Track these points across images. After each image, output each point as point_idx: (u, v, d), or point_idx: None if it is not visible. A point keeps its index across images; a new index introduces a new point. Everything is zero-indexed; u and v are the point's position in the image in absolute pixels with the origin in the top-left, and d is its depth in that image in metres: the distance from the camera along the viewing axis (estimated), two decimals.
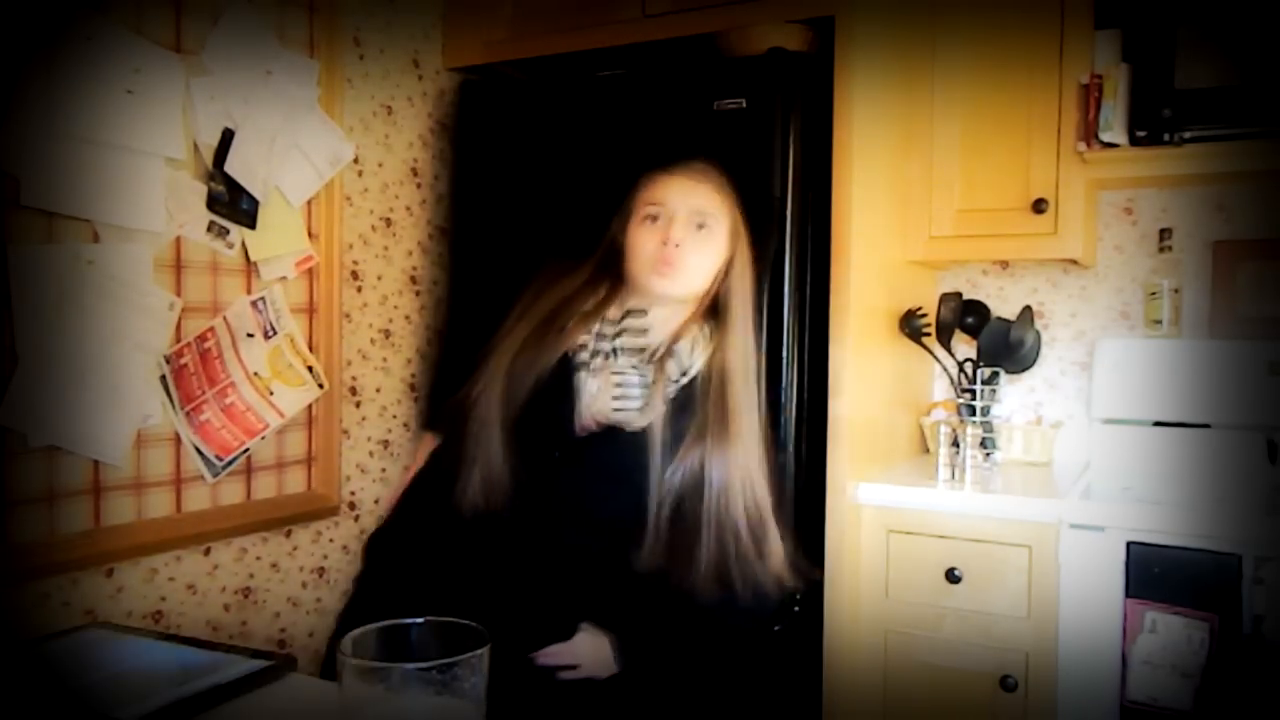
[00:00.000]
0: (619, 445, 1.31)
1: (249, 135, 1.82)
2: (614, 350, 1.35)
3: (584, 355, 1.35)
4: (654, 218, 1.34)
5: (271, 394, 1.90)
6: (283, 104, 1.89)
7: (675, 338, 1.36)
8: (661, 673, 1.36)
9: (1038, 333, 2.13)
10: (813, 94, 1.87)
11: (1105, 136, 1.91)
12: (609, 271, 1.40)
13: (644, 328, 1.36)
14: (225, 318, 1.81)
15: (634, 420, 1.33)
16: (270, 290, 1.91)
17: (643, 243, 1.33)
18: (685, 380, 1.35)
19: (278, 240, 1.91)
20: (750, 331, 1.39)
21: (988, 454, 2.06)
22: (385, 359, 2.23)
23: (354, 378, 2.15)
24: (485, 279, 2.18)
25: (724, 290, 1.37)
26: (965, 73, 2.06)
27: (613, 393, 1.34)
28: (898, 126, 2.09)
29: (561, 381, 1.34)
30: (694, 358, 1.35)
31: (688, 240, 1.32)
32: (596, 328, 1.36)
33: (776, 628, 1.78)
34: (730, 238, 1.37)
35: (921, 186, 2.11)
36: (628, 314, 1.37)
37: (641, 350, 1.37)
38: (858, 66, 1.86)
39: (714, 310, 1.38)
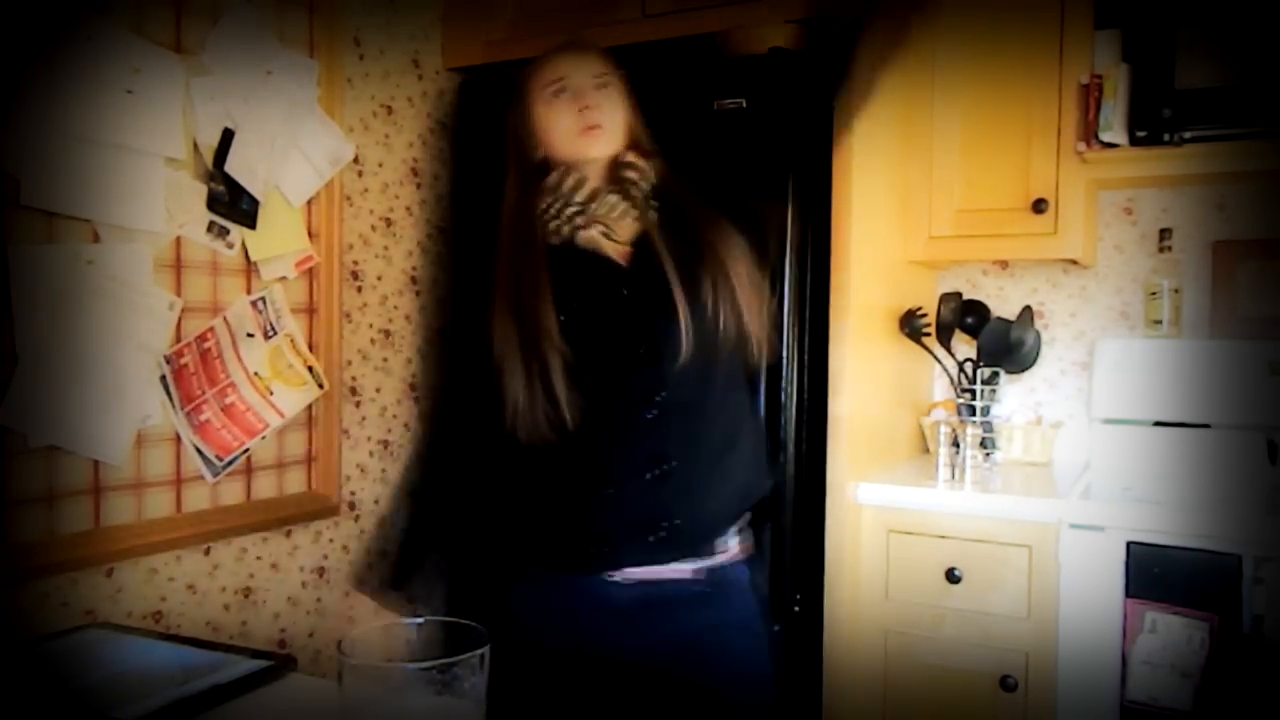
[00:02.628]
0: (652, 262, 1.33)
1: (249, 135, 1.82)
2: (582, 206, 1.37)
3: (565, 228, 1.36)
4: (560, 90, 1.37)
5: (271, 394, 1.90)
6: (283, 104, 1.89)
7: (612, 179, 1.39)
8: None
9: (1038, 333, 2.13)
10: (813, 94, 1.87)
11: (1105, 136, 1.91)
12: (527, 165, 1.41)
13: (585, 184, 1.38)
14: (225, 318, 1.81)
15: (625, 233, 1.37)
16: (270, 290, 1.91)
17: (558, 117, 1.37)
18: (656, 206, 1.39)
19: (278, 240, 1.91)
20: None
21: (988, 454, 2.06)
22: (385, 359, 2.23)
23: (354, 378, 2.15)
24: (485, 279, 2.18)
25: (629, 150, 1.40)
26: (965, 73, 2.06)
27: (613, 211, 1.36)
28: (898, 126, 2.09)
29: (572, 254, 1.35)
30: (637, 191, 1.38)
31: (602, 101, 1.37)
32: (556, 208, 1.37)
33: (776, 627, 1.78)
34: (622, 93, 1.41)
35: (921, 186, 2.11)
36: (572, 186, 1.38)
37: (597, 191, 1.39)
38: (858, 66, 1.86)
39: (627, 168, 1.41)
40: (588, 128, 1.36)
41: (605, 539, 1.35)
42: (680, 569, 1.36)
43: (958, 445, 2.02)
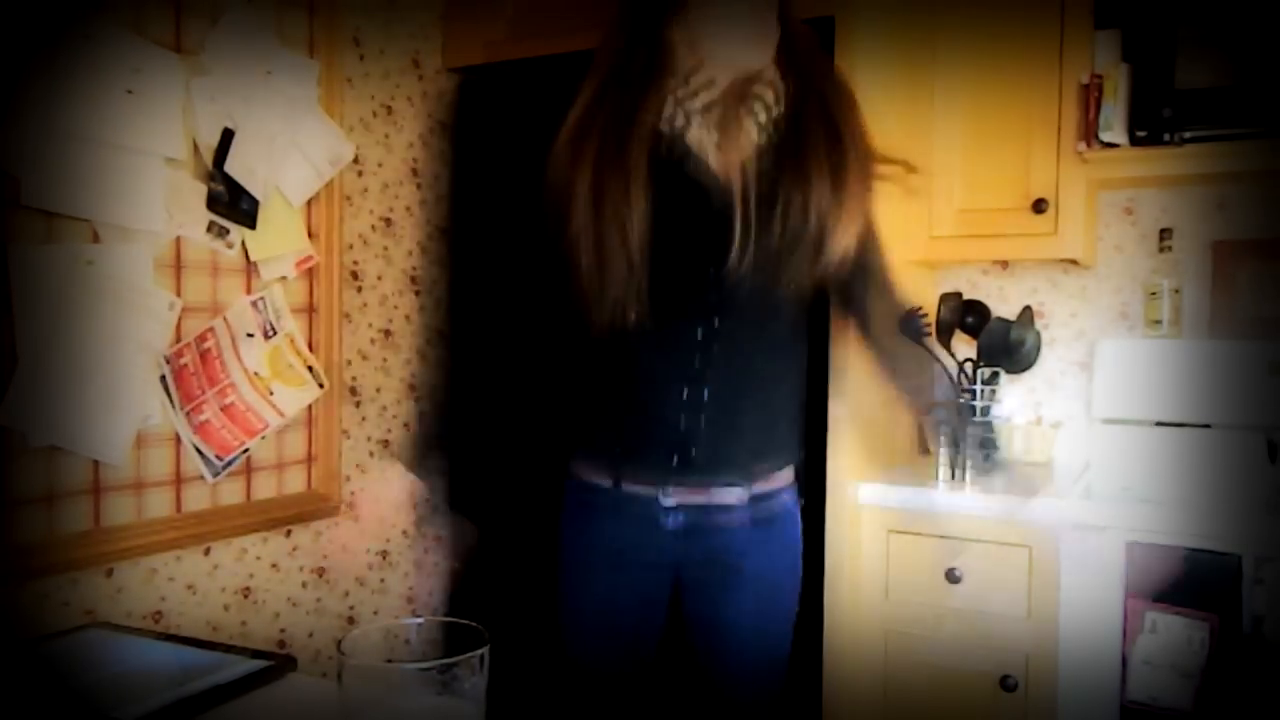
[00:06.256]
0: (748, 190, 1.31)
1: (249, 135, 1.82)
2: (706, 105, 1.32)
3: (679, 121, 1.32)
4: None
5: (271, 394, 1.90)
6: (282, 104, 1.89)
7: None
8: None
9: (1038, 333, 2.13)
10: None
11: (1105, 136, 1.91)
12: (660, 39, 1.35)
13: (715, 85, 1.33)
14: (225, 318, 1.81)
15: (735, 151, 1.33)
16: (270, 290, 1.91)
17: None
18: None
19: (278, 240, 1.91)
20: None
21: (987, 454, 2.06)
22: (385, 359, 2.23)
23: (354, 378, 2.15)
24: (486, 279, 2.18)
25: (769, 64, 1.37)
26: (965, 73, 2.06)
27: (732, 124, 1.32)
28: (898, 126, 2.08)
29: (677, 148, 1.31)
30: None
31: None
32: (677, 96, 1.33)
33: None
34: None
35: (921, 186, 2.11)
36: (701, 84, 1.34)
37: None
38: (858, 67, 1.86)
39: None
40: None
41: (644, 450, 1.37)
42: (728, 493, 1.39)
43: (958, 445, 2.02)
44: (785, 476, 1.48)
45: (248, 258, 1.86)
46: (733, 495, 1.40)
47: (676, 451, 1.36)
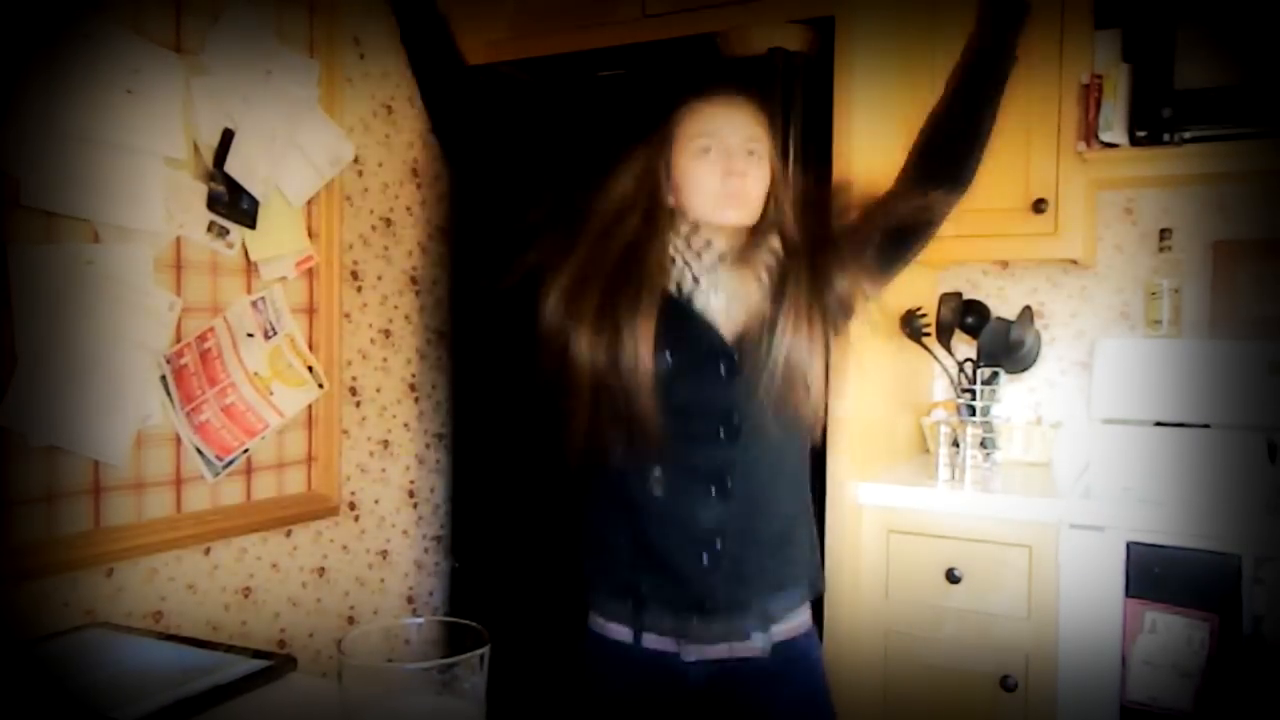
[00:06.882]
0: (756, 356, 1.31)
1: (249, 135, 1.82)
2: (709, 269, 1.32)
3: (685, 284, 1.32)
4: (707, 149, 1.33)
5: (271, 394, 1.90)
6: (283, 103, 1.89)
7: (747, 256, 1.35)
8: None
9: (1038, 333, 2.13)
10: (813, 94, 1.87)
11: (1105, 136, 1.91)
12: (654, 203, 1.36)
13: (712, 248, 1.34)
14: (225, 318, 1.81)
15: (740, 314, 1.33)
16: (270, 290, 1.91)
17: (702, 177, 1.32)
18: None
19: (278, 240, 1.91)
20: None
21: (988, 454, 2.06)
22: (385, 359, 2.23)
23: (354, 378, 2.15)
24: (485, 280, 2.18)
25: (773, 212, 1.37)
26: None
27: (736, 287, 1.32)
28: (898, 126, 2.08)
29: (684, 310, 1.32)
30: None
31: (749, 168, 1.33)
32: (683, 250, 1.33)
33: None
34: (770, 161, 1.37)
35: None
36: (701, 247, 1.34)
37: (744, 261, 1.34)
38: (858, 66, 1.86)
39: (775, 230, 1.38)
40: (730, 195, 1.31)
41: (660, 609, 1.35)
42: (749, 647, 1.36)
43: (958, 445, 2.02)
44: (804, 617, 1.44)
45: (248, 258, 1.85)
46: (754, 647, 1.36)
47: (696, 602, 1.33)
